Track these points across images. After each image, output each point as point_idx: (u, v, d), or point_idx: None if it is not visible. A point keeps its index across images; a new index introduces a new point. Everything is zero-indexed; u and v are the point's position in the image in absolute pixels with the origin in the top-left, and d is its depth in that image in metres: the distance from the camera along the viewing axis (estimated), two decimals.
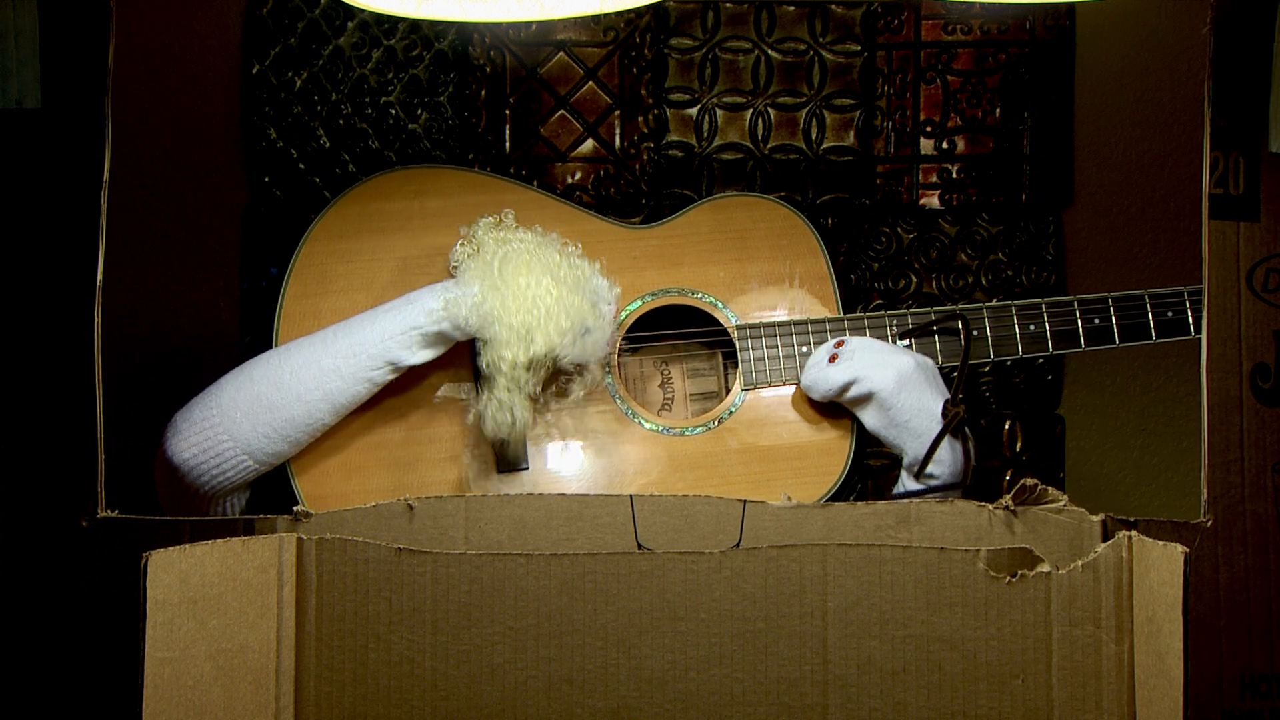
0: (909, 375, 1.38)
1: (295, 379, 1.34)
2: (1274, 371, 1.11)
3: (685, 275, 1.49)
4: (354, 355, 1.34)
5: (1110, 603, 1.01)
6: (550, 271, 1.36)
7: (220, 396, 1.34)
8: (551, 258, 1.38)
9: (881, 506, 1.08)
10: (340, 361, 1.34)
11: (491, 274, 1.35)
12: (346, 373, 1.34)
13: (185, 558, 0.99)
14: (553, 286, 1.35)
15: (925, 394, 1.38)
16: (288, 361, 1.35)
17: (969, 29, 1.65)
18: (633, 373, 1.54)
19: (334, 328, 1.38)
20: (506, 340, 1.34)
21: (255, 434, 1.32)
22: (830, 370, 1.40)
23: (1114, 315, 1.45)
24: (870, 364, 1.39)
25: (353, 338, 1.35)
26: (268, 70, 1.60)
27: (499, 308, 1.34)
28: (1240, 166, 1.11)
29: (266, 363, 1.36)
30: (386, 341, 1.35)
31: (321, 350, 1.35)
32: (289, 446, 1.35)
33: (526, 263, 1.36)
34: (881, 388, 1.37)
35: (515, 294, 1.34)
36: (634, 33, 1.64)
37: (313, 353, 1.35)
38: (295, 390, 1.33)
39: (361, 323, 1.37)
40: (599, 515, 1.07)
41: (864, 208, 1.66)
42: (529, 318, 1.34)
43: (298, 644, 1.02)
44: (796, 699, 1.02)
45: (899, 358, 1.39)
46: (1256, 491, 1.10)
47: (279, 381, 1.34)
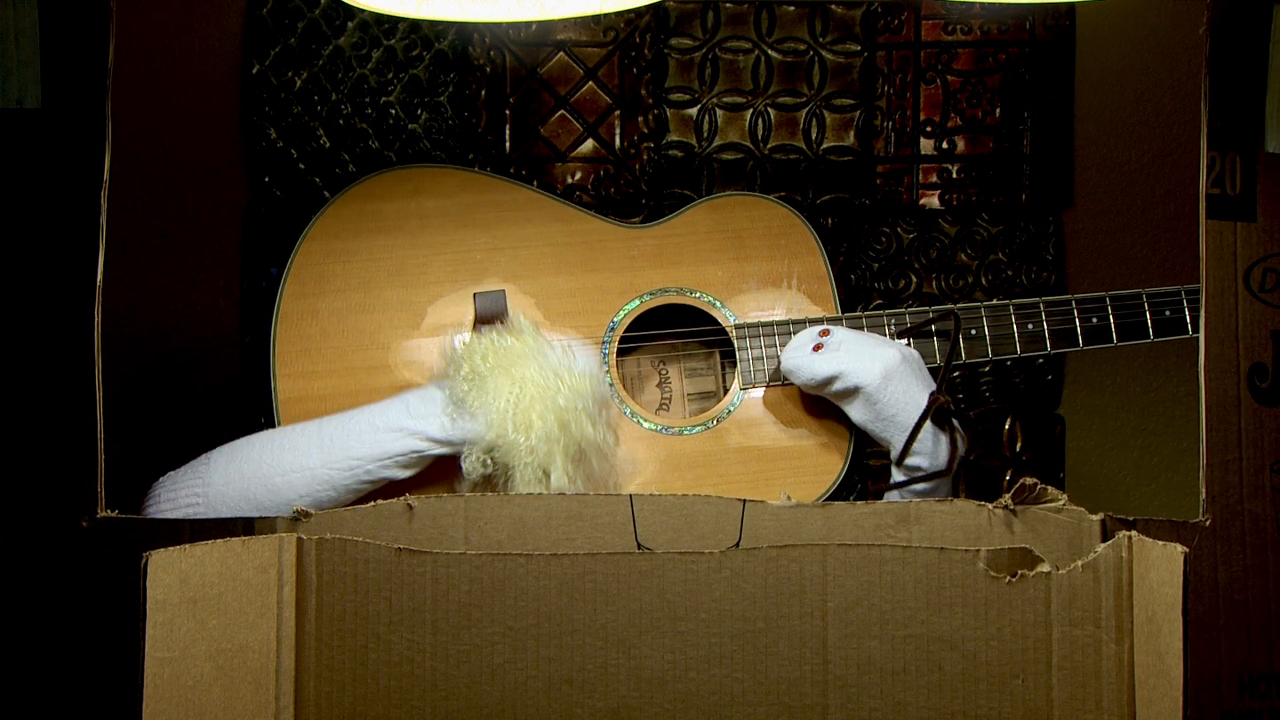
0: (895, 368, 1.37)
1: (287, 484, 1.32)
2: (1271, 371, 1.11)
3: (683, 274, 1.49)
4: (350, 470, 1.32)
5: (1110, 603, 1.01)
6: (558, 396, 1.33)
7: (210, 482, 1.32)
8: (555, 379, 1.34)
9: (881, 506, 1.08)
10: (334, 474, 1.32)
11: (505, 420, 1.31)
12: (339, 484, 1.33)
13: (185, 558, 0.99)
14: (561, 415, 1.32)
15: (912, 386, 1.37)
16: (281, 462, 1.33)
17: (969, 29, 1.65)
18: (630, 372, 1.54)
19: (331, 425, 1.36)
20: (522, 483, 1.31)
21: None
22: (815, 360, 1.39)
23: (1112, 314, 1.45)
24: (856, 357, 1.38)
25: (351, 450, 1.33)
26: (268, 70, 1.60)
27: (512, 455, 1.31)
28: (1237, 167, 1.11)
29: (260, 457, 1.34)
30: (385, 461, 1.33)
31: (318, 458, 1.33)
32: None
33: (534, 397, 1.32)
34: (868, 382, 1.36)
35: (528, 440, 1.31)
36: (634, 33, 1.64)
37: (308, 458, 1.33)
38: (286, 495, 1.32)
39: (361, 432, 1.34)
40: (599, 515, 1.07)
41: (864, 208, 1.66)
42: (545, 460, 1.31)
43: (298, 644, 1.02)
44: (796, 699, 1.02)
45: (885, 350, 1.38)
46: (1255, 491, 1.10)
47: (271, 485, 1.32)
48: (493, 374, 1.33)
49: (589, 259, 1.49)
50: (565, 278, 1.48)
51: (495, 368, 1.34)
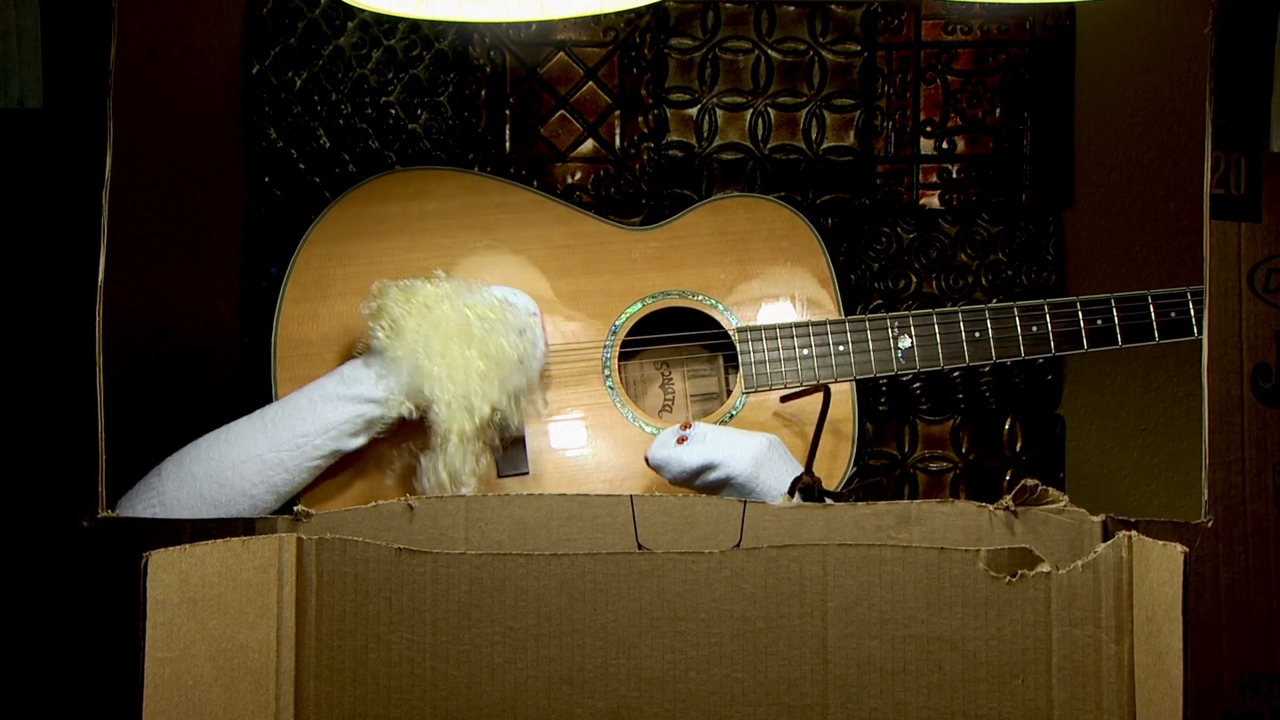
0: (764, 455, 1.36)
1: (238, 474, 1.32)
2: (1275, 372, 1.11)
3: (685, 277, 1.49)
4: (298, 448, 1.33)
5: (1110, 603, 1.01)
6: (470, 326, 1.35)
7: (163, 493, 1.33)
8: (467, 312, 1.36)
9: (882, 506, 1.08)
10: (284, 455, 1.33)
11: (419, 355, 1.33)
12: (291, 465, 1.33)
13: (185, 558, 0.99)
14: (477, 344, 1.34)
15: (782, 472, 1.36)
16: (229, 455, 1.34)
17: (969, 29, 1.65)
18: (633, 375, 1.54)
19: (271, 411, 1.37)
20: (450, 415, 1.33)
21: None
22: (683, 452, 1.37)
23: (1117, 316, 1.45)
24: (724, 447, 1.36)
25: (294, 428, 1.34)
26: (268, 70, 1.60)
27: (435, 388, 1.33)
28: (1241, 166, 1.10)
29: (208, 456, 1.34)
30: (330, 432, 1.34)
31: (265, 442, 1.34)
32: None
33: (448, 331, 1.34)
34: (740, 471, 1.34)
35: (446, 368, 1.33)
36: (634, 33, 1.64)
37: (255, 445, 1.34)
38: (240, 486, 1.32)
39: (301, 409, 1.36)
40: (599, 515, 1.07)
41: (864, 208, 1.66)
42: (464, 387, 1.33)
43: (298, 644, 1.02)
44: (796, 699, 1.02)
45: (751, 439, 1.37)
46: (1257, 491, 1.10)
47: (222, 479, 1.32)
48: (406, 318, 1.35)
49: (590, 262, 1.49)
50: (567, 281, 1.48)
51: (409, 312, 1.36)
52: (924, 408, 1.65)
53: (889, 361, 1.46)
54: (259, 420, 1.36)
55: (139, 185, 1.61)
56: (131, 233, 1.61)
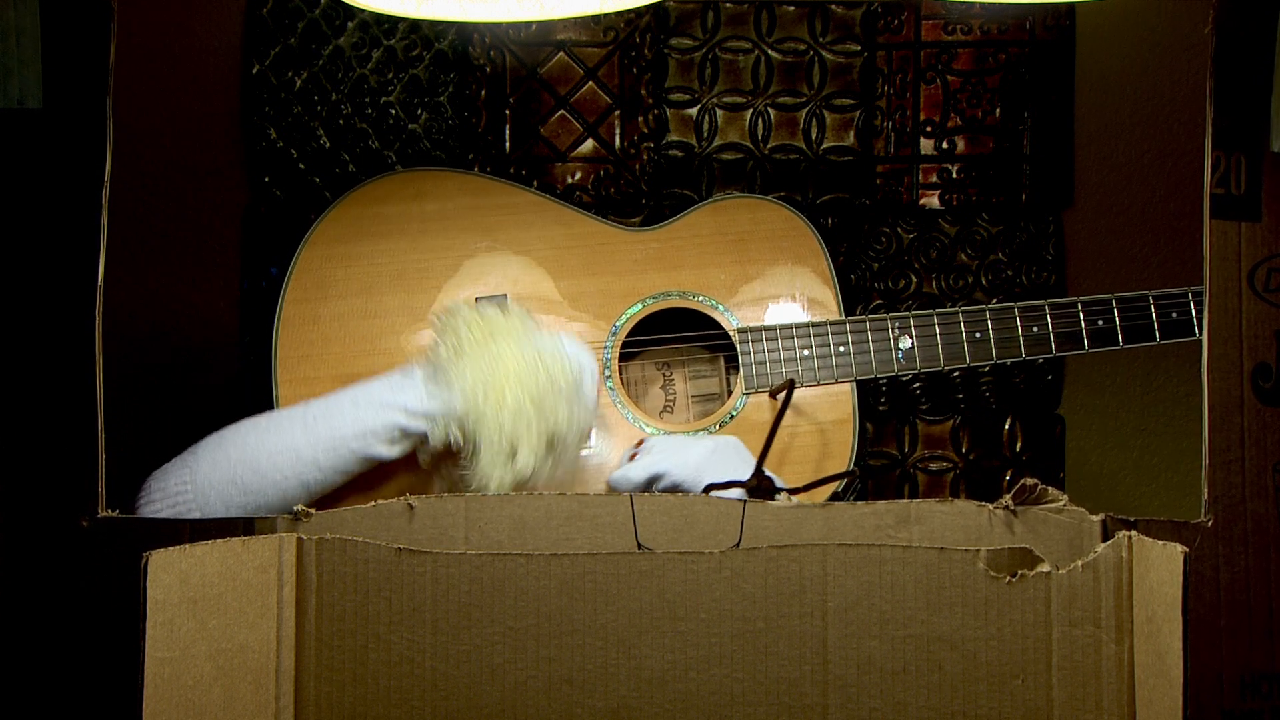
0: (707, 458, 1.36)
1: (272, 465, 1.32)
2: (1275, 371, 1.11)
3: (686, 278, 1.49)
4: (334, 449, 1.32)
5: (1110, 602, 1.01)
6: (536, 377, 1.32)
7: (196, 470, 1.32)
8: (536, 360, 1.33)
9: (881, 506, 1.08)
10: (320, 454, 1.32)
11: (477, 390, 1.31)
12: (326, 465, 1.32)
13: (185, 558, 0.98)
14: (537, 395, 1.31)
15: (731, 471, 1.36)
16: (266, 444, 1.33)
17: (969, 29, 1.65)
18: (634, 376, 1.54)
19: (315, 406, 1.35)
20: (491, 460, 1.31)
21: (228, 514, 1.31)
22: (630, 468, 1.37)
23: (1118, 316, 1.45)
24: (668, 455, 1.37)
25: (334, 427, 1.33)
26: (268, 70, 1.60)
27: (484, 428, 1.30)
28: (1242, 166, 1.10)
29: (244, 442, 1.34)
30: (367, 437, 1.32)
31: (302, 437, 1.33)
32: None
33: (510, 373, 1.32)
34: (684, 477, 1.35)
35: (498, 411, 1.31)
36: (634, 33, 1.64)
37: (292, 438, 1.33)
38: (272, 477, 1.31)
39: (343, 410, 1.34)
40: (599, 515, 1.07)
41: (864, 208, 1.66)
42: (513, 435, 1.30)
43: (298, 644, 1.02)
44: (796, 699, 1.02)
45: (696, 444, 1.38)
46: (1257, 491, 1.10)
47: (256, 466, 1.32)
48: (473, 347, 1.33)
49: (591, 262, 1.49)
50: (567, 281, 1.48)
51: (477, 341, 1.34)
52: (924, 408, 1.65)
53: (889, 362, 1.46)
54: (300, 413, 1.35)
55: (139, 185, 1.61)
56: (131, 233, 1.61)
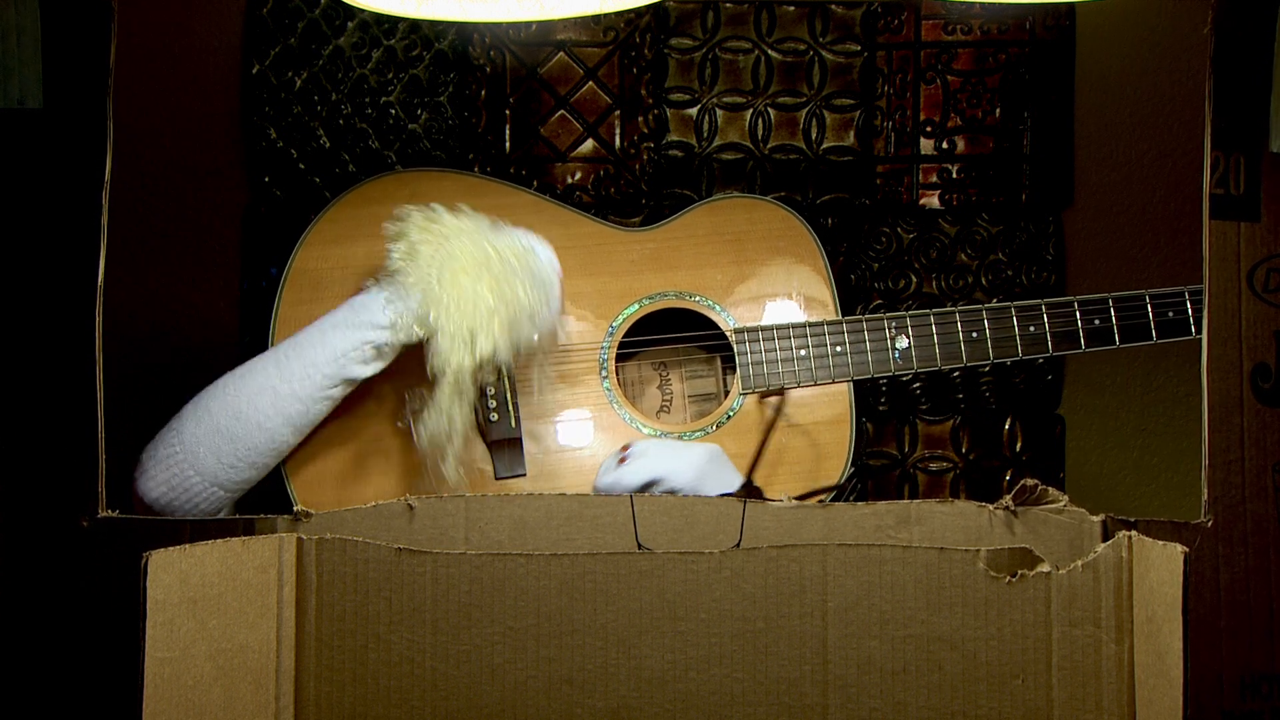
0: (705, 466, 1.35)
1: (252, 407, 1.33)
2: (1274, 371, 1.11)
3: (683, 278, 1.49)
4: (308, 377, 1.33)
5: (1110, 603, 1.01)
6: (489, 264, 1.34)
7: (181, 432, 1.33)
8: (488, 248, 1.35)
9: (881, 506, 1.08)
10: (296, 385, 1.33)
11: (430, 281, 1.33)
12: (304, 395, 1.33)
13: (185, 558, 0.99)
14: (492, 282, 1.33)
15: (725, 479, 1.36)
16: (244, 389, 1.34)
17: (969, 29, 1.65)
18: (631, 376, 1.54)
19: (284, 345, 1.37)
20: (450, 347, 1.32)
21: (220, 465, 1.32)
22: (624, 471, 1.35)
23: (1114, 316, 1.45)
24: (667, 459, 1.36)
25: (305, 358, 1.34)
26: (268, 70, 1.60)
27: (441, 315, 1.32)
28: (1241, 166, 1.11)
29: (223, 392, 1.35)
30: (339, 359, 1.34)
31: (276, 374, 1.34)
32: (257, 472, 1.34)
33: (463, 264, 1.34)
34: (685, 484, 1.34)
35: (456, 298, 1.32)
36: (634, 33, 1.64)
37: (267, 378, 1.34)
38: (254, 419, 1.32)
39: (311, 340, 1.36)
40: (599, 515, 1.07)
41: (864, 208, 1.66)
42: (471, 320, 1.32)
43: (298, 644, 1.02)
44: (796, 699, 1.02)
45: (691, 451, 1.37)
46: (1257, 491, 1.10)
47: (237, 411, 1.33)
48: (426, 246, 1.35)
49: (587, 263, 1.48)
50: (564, 282, 1.48)
51: (427, 240, 1.35)
52: (924, 408, 1.65)
53: (886, 362, 1.46)
54: (272, 355, 1.37)
55: (139, 185, 1.61)
56: (131, 233, 1.61)
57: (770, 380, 1.45)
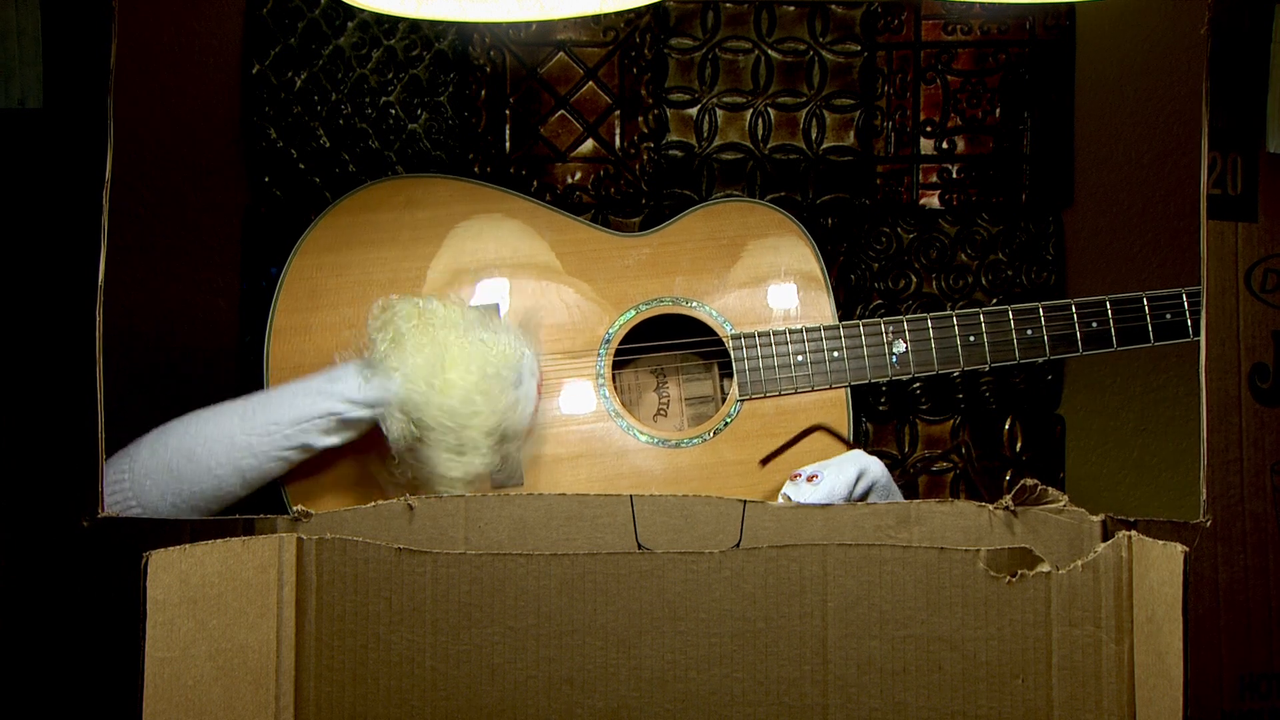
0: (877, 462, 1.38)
1: (207, 452, 1.32)
2: (1272, 371, 1.11)
3: (678, 284, 1.49)
4: (268, 435, 1.33)
5: (1110, 603, 1.01)
6: (481, 362, 1.34)
7: (135, 458, 1.32)
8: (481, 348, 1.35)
9: (881, 506, 1.08)
10: (254, 440, 1.33)
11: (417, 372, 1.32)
12: (259, 451, 1.33)
13: (185, 558, 0.99)
14: (482, 382, 1.33)
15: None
16: (203, 431, 1.33)
17: (969, 29, 1.65)
18: (628, 382, 1.54)
19: (255, 397, 1.37)
20: (438, 450, 1.32)
21: (163, 502, 1.31)
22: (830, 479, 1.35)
23: (1112, 318, 1.45)
24: (854, 459, 1.37)
25: (270, 415, 1.34)
26: (268, 70, 1.61)
27: (429, 412, 1.32)
28: (1238, 167, 1.11)
29: (183, 431, 1.34)
30: (303, 424, 1.33)
31: (238, 425, 1.33)
32: (197, 515, 1.33)
33: (454, 357, 1.33)
34: (880, 476, 1.36)
35: (443, 394, 1.32)
36: (634, 33, 1.64)
37: (229, 426, 1.34)
38: (206, 463, 1.32)
39: (281, 399, 1.35)
40: (599, 515, 1.07)
41: (864, 208, 1.66)
42: (459, 422, 1.32)
43: (298, 644, 1.02)
44: (796, 699, 1.02)
45: (859, 454, 1.39)
46: (1255, 491, 1.10)
47: (190, 453, 1.32)
48: (413, 334, 1.34)
49: (583, 269, 1.48)
50: (560, 288, 1.48)
51: (416, 329, 1.35)
52: (924, 408, 1.65)
53: (884, 367, 1.46)
54: (242, 403, 1.36)
55: (139, 185, 1.62)
56: (132, 233, 1.61)
57: (767, 386, 1.45)
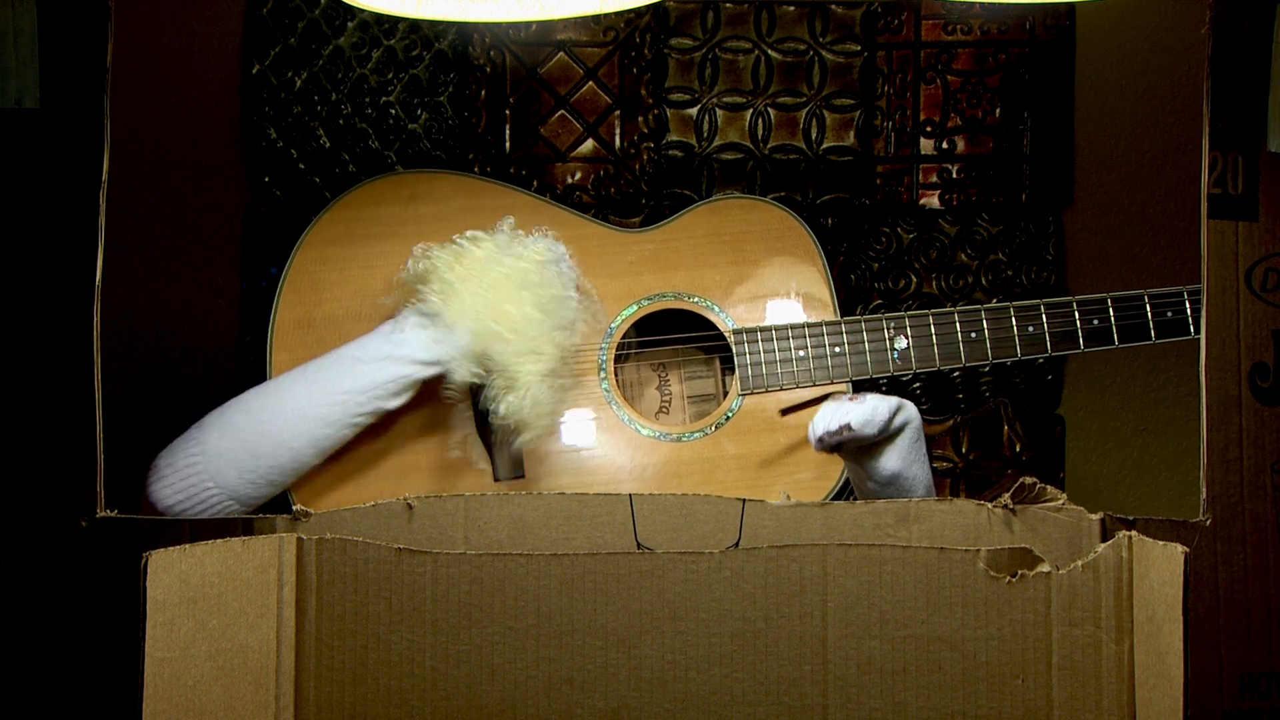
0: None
1: (282, 426, 1.33)
2: (1273, 371, 1.11)
3: (681, 279, 1.49)
4: (341, 404, 1.34)
5: (1110, 602, 1.01)
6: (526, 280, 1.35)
7: (204, 441, 1.33)
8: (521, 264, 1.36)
9: (880, 505, 1.08)
10: (326, 410, 1.34)
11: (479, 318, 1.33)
12: (333, 420, 1.34)
13: (185, 558, 0.99)
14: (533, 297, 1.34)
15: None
16: (272, 407, 1.34)
17: (969, 29, 1.65)
18: (630, 377, 1.54)
19: (317, 365, 1.37)
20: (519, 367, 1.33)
21: (241, 480, 1.32)
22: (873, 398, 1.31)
23: (1113, 316, 1.45)
24: (895, 398, 1.33)
25: (338, 384, 1.34)
26: (268, 70, 1.61)
27: (500, 348, 1.33)
28: (1239, 166, 1.11)
29: (250, 406, 1.35)
30: (374, 390, 1.34)
31: (305, 396, 1.34)
32: (274, 489, 1.35)
33: (505, 291, 1.34)
34: (916, 418, 1.33)
35: (509, 328, 1.33)
36: (634, 33, 1.64)
37: (296, 399, 1.34)
38: (281, 437, 1.33)
39: (345, 367, 1.36)
40: (598, 514, 1.07)
41: (864, 208, 1.66)
42: (530, 342, 1.33)
43: (298, 644, 1.02)
44: (796, 699, 1.02)
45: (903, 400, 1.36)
46: (1255, 490, 1.10)
47: (265, 429, 1.33)
48: (462, 283, 1.35)
49: (585, 264, 1.48)
50: None
51: (464, 276, 1.35)
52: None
53: (885, 363, 1.46)
54: (300, 376, 1.37)
55: (139, 185, 1.62)
56: (131, 233, 1.61)
57: (769, 381, 1.45)
